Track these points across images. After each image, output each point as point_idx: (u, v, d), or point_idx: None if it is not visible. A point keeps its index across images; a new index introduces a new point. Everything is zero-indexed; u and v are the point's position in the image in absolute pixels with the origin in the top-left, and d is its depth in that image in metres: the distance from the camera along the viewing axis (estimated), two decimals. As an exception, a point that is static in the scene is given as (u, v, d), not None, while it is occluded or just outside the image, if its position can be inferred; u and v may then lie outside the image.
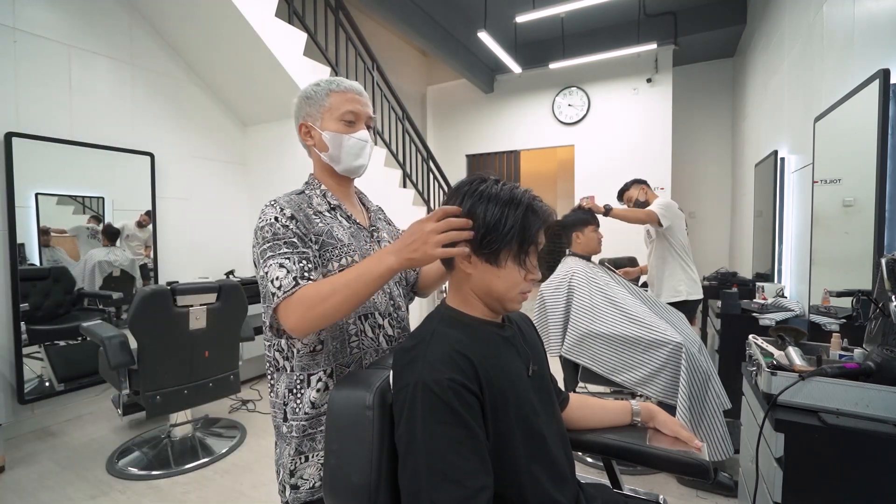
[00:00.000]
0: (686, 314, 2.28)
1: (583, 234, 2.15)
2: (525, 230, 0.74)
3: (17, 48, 2.36)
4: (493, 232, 0.74)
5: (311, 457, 0.89)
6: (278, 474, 0.93)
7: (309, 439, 0.89)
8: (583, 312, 1.97)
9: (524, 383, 0.78)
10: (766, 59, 3.44)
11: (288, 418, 0.90)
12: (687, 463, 0.89)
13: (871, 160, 1.47)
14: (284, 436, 0.91)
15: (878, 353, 1.08)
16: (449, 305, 0.81)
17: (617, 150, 5.27)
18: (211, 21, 2.76)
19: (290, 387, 0.90)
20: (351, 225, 0.97)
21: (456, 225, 0.74)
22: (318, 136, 0.96)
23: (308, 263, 0.83)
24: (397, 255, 0.77)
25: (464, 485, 0.62)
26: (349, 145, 0.96)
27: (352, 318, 0.91)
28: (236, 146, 3.52)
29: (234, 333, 2.30)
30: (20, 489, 1.91)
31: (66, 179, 2.60)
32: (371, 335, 0.94)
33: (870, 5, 1.68)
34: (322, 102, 0.96)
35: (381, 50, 4.48)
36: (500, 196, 0.75)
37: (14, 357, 2.33)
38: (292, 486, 0.89)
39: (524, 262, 0.76)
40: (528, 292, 0.79)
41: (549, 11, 3.83)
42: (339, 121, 0.95)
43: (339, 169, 0.98)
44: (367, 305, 0.93)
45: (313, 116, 0.96)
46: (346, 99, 0.96)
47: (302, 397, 0.89)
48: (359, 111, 0.97)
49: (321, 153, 0.97)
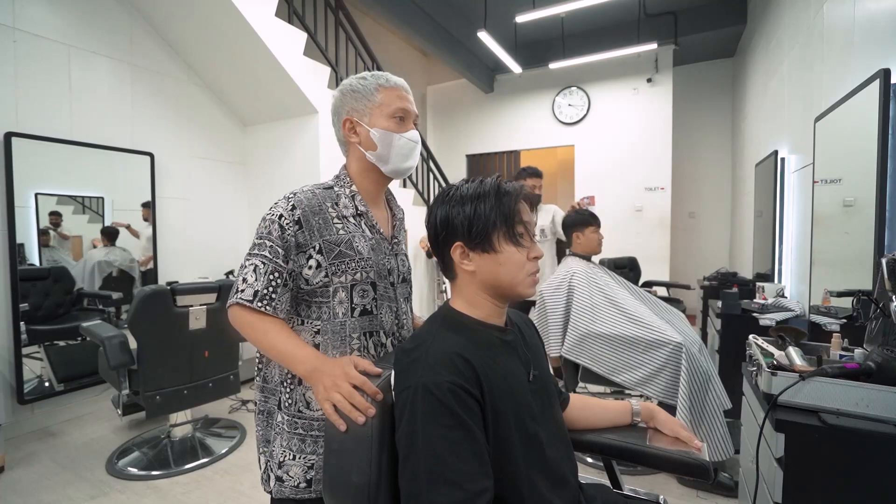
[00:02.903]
0: None
1: (583, 234, 2.15)
2: (503, 206, 0.76)
3: (16, 48, 2.36)
4: (476, 222, 0.75)
5: (299, 457, 0.88)
6: (263, 459, 0.92)
7: (299, 439, 0.88)
8: (583, 312, 1.97)
9: (524, 388, 0.78)
10: (766, 60, 3.43)
11: (282, 408, 0.90)
12: (687, 463, 0.89)
13: (871, 160, 1.47)
14: (278, 424, 0.90)
15: (879, 353, 1.08)
16: (452, 307, 0.82)
17: (617, 150, 5.27)
18: (211, 21, 2.76)
19: (283, 379, 0.90)
20: (374, 235, 0.93)
21: (366, 393, 0.73)
22: (364, 134, 0.91)
23: (277, 279, 0.83)
24: (308, 375, 0.80)
25: (463, 487, 0.62)
26: (400, 145, 0.91)
27: (356, 333, 0.90)
28: (236, 146, 3.52)
29: (234, 333, 2.29)
30: (20, 489, 1.91)
31: (66, 179, 2.60)
32: (373, 353, 0.93)
33: (870, 5, 1.68)
34: (371, 98, 0.90)
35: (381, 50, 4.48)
36: (468, 191, 0.78)
37: (14, 357, 2.33)
38: (277, 478, 0.88)
39: (518, 240, 0.77)
40: (535, 273, 0.80)
41: (549, 11, 3.83)
42: (389, 118, 0.90)
43: (386, 170, 0.93)
44: (373, 323, 0.92)
45: (360, 112, 0.91)
46: (397, 96, 0.92)
47: (292, 393, 0.89)
48: (409, 109, 0.93)
49: (367, 152, 0.92)
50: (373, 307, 0.91)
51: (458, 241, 0.77)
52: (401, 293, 0.99)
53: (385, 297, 0.94)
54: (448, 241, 0.78)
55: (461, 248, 0.77)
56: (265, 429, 0.93)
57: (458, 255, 0.78)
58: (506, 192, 0.78)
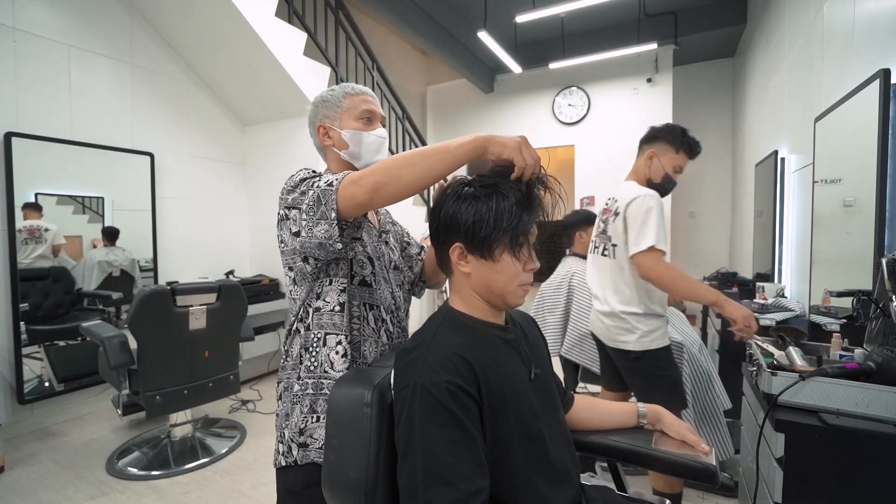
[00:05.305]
0: None
1: (586, 233, 2.15)
2: (513, 222, 0.74)
3: (16, 48, 2.36)
4: (482, 230, 0.74)
5: (323, 418, 0.88)
6: (282, 437, 0.92)
7: (325, 399, 0.88)
8: (583, 312, 1.97)
9: (525, 387, 0.78)
10: (767, 59, 3.43)
11: (302, 377, 0.91)
12: (693, 467, 0.88)
13: (871, 160, 1.47)
14: (297, 394, 0.91)
15: (879, 353, 1.08)
16: (451, 307, 0.82)
17: (617, 150, 5.26)
18: (211, 21, 2.76)
19: (307, 345, 0.91)
20: (363, 220, 0.98)
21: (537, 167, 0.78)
22: (337, 136, 1.00)
23: None
24: (487, 136, 0.78)
25: (458, 487, 0.63)
26: (369, 142, 1.00)
27: (356, 301, 0.93)
28: (236, 146, 3.52)
29: (234, 333, 2.30)
30: (20, 489, 1.91)
31: (66, 179, 2.60)
32: (373, 325, 0.95)
33: (870, 5, 1.68)
34: (339, 104, 1.00)
35: (381, 50, 4.48)
36: (481, 194, 0.75)
37: (14, 357, 2.33)
38: (300, 445, 0.88)
39: (518, 252, 0.76)
40: (528, 284, 0.79)
41: (549, 11, 3.83)
42: (357, 119, 1.00)
43: (359, 165, 1.00)
44: (373, 296, 0.95)
45: (331, 118, 1.00)
46: (362, 100, 1.01)
47: (317, 355, 0.90)
48: (374, 110, 1.02)
49: (341, 151, 1.00)
50: (371, 280, 0.95)
51: (459, 242, 0.77)
52: (394, 278, 1.04)
53: (381, 277, 0.98)
54: (449, 239, 0.78)
55: (460, 249, 0.77)
56: (286, 403, 0.94)
57: (456, 256, 0.78)
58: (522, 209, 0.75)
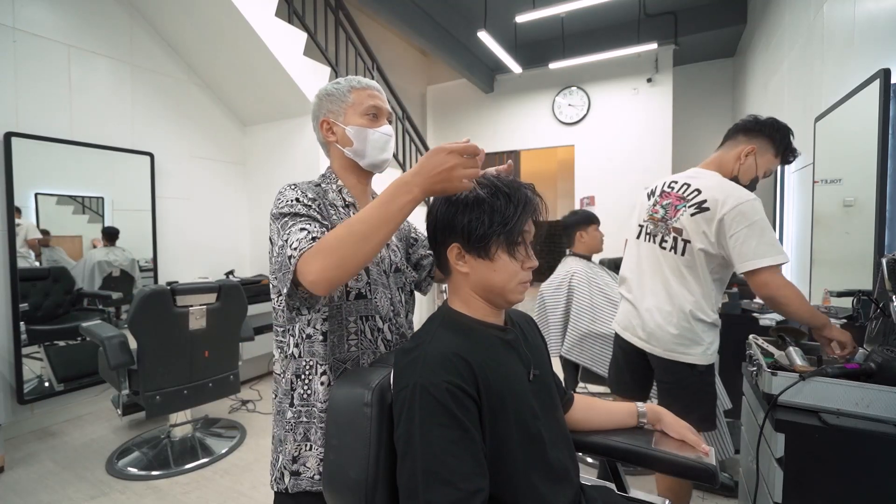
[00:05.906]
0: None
1: (587, 232, 2.15)
2: (507, 222, 0.74)
3: (16, 48, 2.36)
4: (478, 230, 0.74)
5: (315, 447, 0.88)
6: (276, 462, 0.92)
7: (314, 431, 0.88)
8: (583, 312, 1.97)
9: (524, 387, 0.78)
10: (766, 59, 3.43)
11: (295, 404, 0.90)
12: (693, 468, 0.87)
13: (871, 160, 1.47)
14: (289, 422, 0.90)
15: (879, 353, 1.08)
16: (451, 307, 0.82)
17: (617, 150, 5.27)
18: (211, 21, 2.76)
19: (299, 372, 0.90)
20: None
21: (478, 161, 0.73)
22: (341, 132, 0.96)
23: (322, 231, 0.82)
24: (422, 186, 0.72)
25: (458, 487, 0.63)
26: (374, 139, 0.96)
27: (353, 317, 0.91)
28: (236, 146, 3.52)
29: (234, 333, 2.30)
30: (20, 489, 1.91)
31: (66, 179, 2.60)
32: (370, 337, 0.93)
33: (870, 5, 1.68)
34: (344, 99, 0.96)
35: (381, 50, 4.48)
36: (476, 197, 0.76)
37: (14, 357, 2.33)
38: (293, 473, 0.88)
39: (514, 251, 0.76)
40: (527, 282, 0.79)
41: (549, 11, 3.83)
42: (362, 116, 0.96)
43: (364, 163, 0.97)
44: (368, 307, 0.93)
45: (335, 113, 0.97)
46: (368, 94, 0.97)
47: (311, 383, 0.89)
48: (381, 106, 0.98)
49: (344, 148, 0.96)
50: (367, 291, 0.93)
51: (456, 243, 0.77)
52: (394, 281, 1.01)
53: (379, 283, 0.95)
54: (446, 240, 0.78)
55: (458, 250, 0.77)
56: (279, 429, 0.93)
57: (454, 256, 0.78)
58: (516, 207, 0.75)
